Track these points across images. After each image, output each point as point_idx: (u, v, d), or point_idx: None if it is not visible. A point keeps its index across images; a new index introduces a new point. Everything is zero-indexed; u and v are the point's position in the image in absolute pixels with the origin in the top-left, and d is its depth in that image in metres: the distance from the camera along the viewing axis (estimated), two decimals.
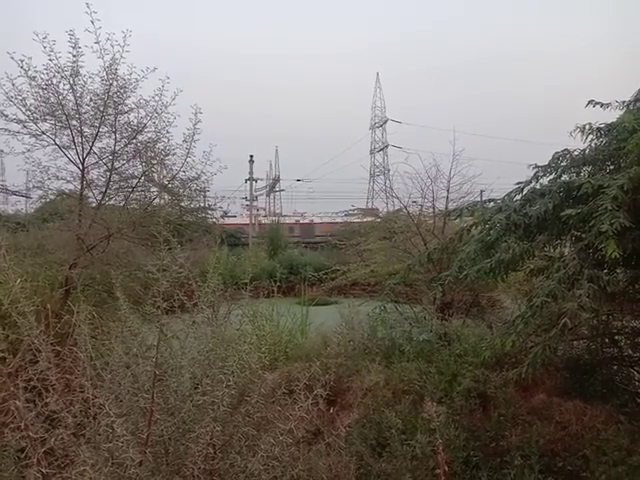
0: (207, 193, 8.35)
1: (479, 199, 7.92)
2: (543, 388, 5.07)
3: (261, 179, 48.02)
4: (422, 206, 9.93)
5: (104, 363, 3.02)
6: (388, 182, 45.05)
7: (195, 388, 2.86)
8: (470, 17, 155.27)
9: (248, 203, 42.30)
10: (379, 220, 13.40)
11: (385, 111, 71.25)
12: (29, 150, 6.32)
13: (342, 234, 20.61)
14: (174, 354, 3.00)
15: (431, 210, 9.73)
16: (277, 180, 66.31)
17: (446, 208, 8.96)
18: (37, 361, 2.64)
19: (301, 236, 41.14)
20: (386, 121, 68.80)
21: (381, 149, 69.24)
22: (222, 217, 10.96)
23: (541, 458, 4.00)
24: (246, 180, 40.58)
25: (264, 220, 44.73)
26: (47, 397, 2.47)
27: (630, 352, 5.43)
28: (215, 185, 7.80)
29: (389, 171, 53.75)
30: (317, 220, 48.28)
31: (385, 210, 22.17)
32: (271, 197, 69.44)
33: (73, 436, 2.39)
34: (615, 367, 5.40)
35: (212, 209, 9.63)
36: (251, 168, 39.91)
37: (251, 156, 40.40)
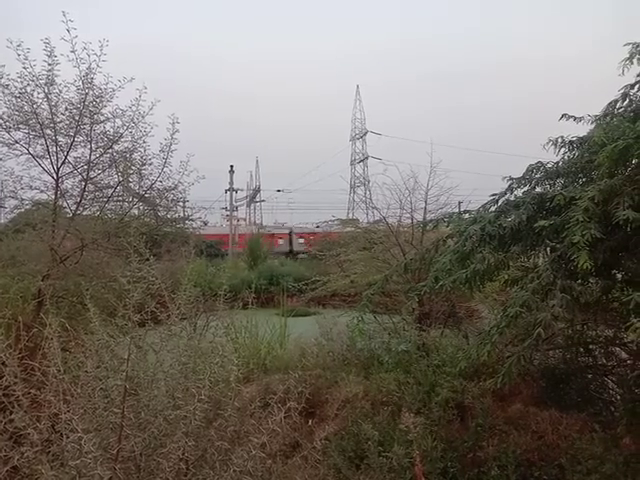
0: (186, 203, 8.30)
1: (457, 210, 8.00)
2: (520, 398, 5.10)
3: (241, 189, 47.76)
4: (400, 217, 10.00)
5: (74, 377, 2.94)
6: (368, 193, 45.21)
7: (168, 402, 2.81)
8: (453, 28, 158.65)
9: (228, 213, 42.03)
10: (359, 231, 13.44)
11: (365, 123, 71.88)
12: (1, 159, 6.21)
13: (323, 245, 20.59)
14: (146, 367, 2.94)
15: (409, 221, 9.81)
16: (257, 190, 66.08)
17: (424, 219, 9.04)
18: (3, 375, 2.56)
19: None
20: (366, 133, 69.37)
21: (361, 160, 69.66)
22: (201, 227, 10.87)
23: (517, 468, 4.03)
24: (226, 190, 40.40)
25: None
26: (12, 413, 2.39)
27: (604, 361, 5.50)
28: (195, 195, 7.75)
29: (369, 182, 54.10)
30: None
31: (365, 221, 22.26)
32: (251, 207, 69.10)
33: (39, 454, 2.31)
34: (590, 376, 5.47)
35: (190, 219, 9.55)
36: (231, 178, 39.73)
37: (231, 166, 40.22)
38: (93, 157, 6.33)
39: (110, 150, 6.43)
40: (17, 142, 6.16)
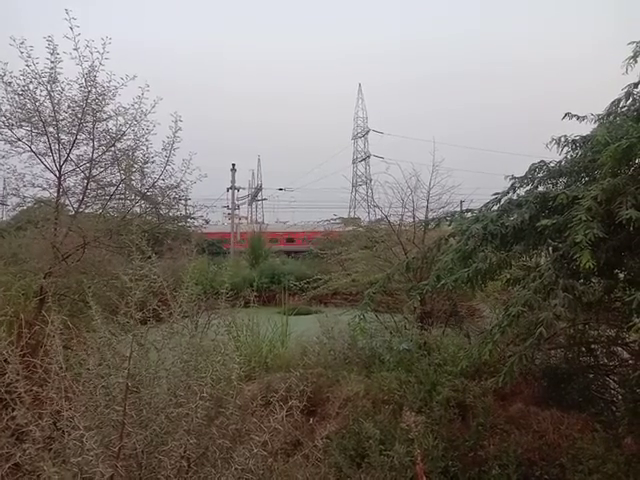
0: (188, 202, 8.30)
1: (459, 209, 7.99)
2: (521, 397, 5.10)
3: (243, 188, 47.73)
4: (402, 215, 9.99)
5: (76, 374, 2.94)
6: (370, 192, 45.16)
7: (170, 400, 2.81)
8: (454, 30, 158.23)
9: (230, 212, 42.05)
10: (361, 229, 13.42)
11: (367, 121, 71.77)
12: (4, 157, 6.23)
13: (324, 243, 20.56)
14: (148, 365, 2.95)
15: (411, 220, 9.81)
16: (259, 189, 66.05)
17: (426, 218, 9.03)
18: (5, 373, 2.56)
19: None
20: (368, 131, 69.25)
21: (363, 159, 69.60)
22: (203, 226, 10.89)
23: (519, 467, 4.02)
24: (228, 189, 40.44)
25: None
26: (14, 410, 2.39)
27: (606, 361, 5.50)
28: (197, 194, 7.76)
29: (371, 181, 54.12)
30: None
31: (367, 219, 22.24)
32: (253, 206, 69.06)
33: (41, 451, 2.31)
34: (591, 376, 5.45)
35: (192, 218, 9.57)
36: (233, 177, 39.76)
37: (233, 165, 40.25)
38: (95, 155, 6.35)
39: (112, 148, 6.45)
40: (19, 139, 6.18)
